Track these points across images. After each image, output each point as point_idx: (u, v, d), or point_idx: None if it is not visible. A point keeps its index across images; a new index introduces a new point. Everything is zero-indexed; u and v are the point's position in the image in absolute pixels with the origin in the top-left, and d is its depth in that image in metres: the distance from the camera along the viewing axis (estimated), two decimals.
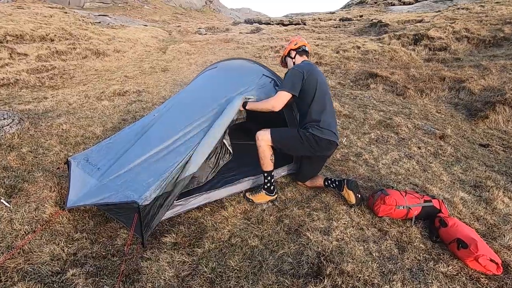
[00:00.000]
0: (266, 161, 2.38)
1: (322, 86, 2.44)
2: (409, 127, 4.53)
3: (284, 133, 2.45)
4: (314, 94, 2.38)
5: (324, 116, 2.37)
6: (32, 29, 11.41)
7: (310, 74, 2.40)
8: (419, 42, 9.59)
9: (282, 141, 2.40)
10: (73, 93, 6.19)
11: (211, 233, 2.06)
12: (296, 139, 2.36)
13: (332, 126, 2.39)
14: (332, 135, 2.35)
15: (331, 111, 2.47)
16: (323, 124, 2.34)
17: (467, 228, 1.95)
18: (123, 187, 1.99)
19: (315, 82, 2.40)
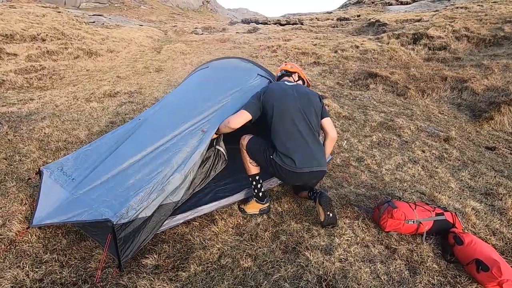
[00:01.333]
0: (246, 165, 2.22)
1: (281, 106, 2.10)
2: (412, 129, 4.33)
3: (257, 147, 2.18)
4: (272, 112, 2.10)
5: (285, 140, 2.03)
6: (23, 29, 11.11)
7: (267, 94, 2.17)
8: (418, 41, 9.41)
9: (253, 154, 2.19)
10: (62, 94, 5.93)
11: (199, 252, 1.83)
12: (263, 158, 2.13)
13: (291, 150, 2.00)
14: (292, 164, 1.97)
15: (296, 132, 2.05)
16: (283, 149, 2.02)
17: (486, 247, 1.74)
18: (97, 203, 1.75)
19: (271, 98, 2.14)
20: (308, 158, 2.01)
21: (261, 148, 2.15)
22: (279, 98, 2.13)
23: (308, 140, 2.05)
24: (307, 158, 2.00)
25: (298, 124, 2.07)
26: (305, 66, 8.70)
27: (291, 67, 2.54)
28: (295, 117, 2.08)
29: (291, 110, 2.09)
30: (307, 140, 2.04)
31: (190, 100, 2.62)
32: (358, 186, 2.72)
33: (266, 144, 2.17)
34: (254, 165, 2.21)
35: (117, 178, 1.93)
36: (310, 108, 2.13)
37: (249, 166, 2.22)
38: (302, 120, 2.08)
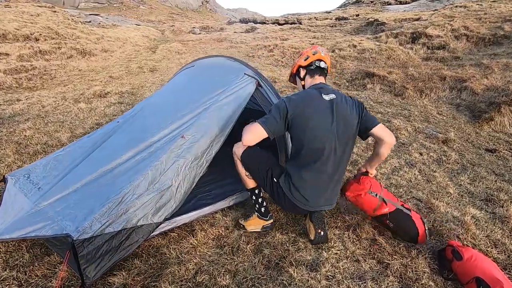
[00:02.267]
0: (243, 178, 1.97)
1: (317, 131, 1.71)
2: (409, 130, 4.17)
3: (256, 161, 1.89)
4: (303, 138, 1.74)
5: (304, 174, 1.73)
6: (16, 28, 10.95)
7: (300, 114, 1.71)
8: (417, 41, 9.26)
9: (249, 168, 1.91)
10: (50, 95, 5.78)
11: (173, 268, 1.67)
12: (263, 176, 1.85)
13: (311, 193, 1.74)
14: (303, 202, 1.74)
15: (324, 172, 1.74)
16: (297, 183, 1.73)
17: (487, 263, 1.58)
18: (61, 215, 1.59)
19: (305, 122, 1.72)
20: (323, 200, 1.81)
21: (262, 165, 1.88)
22: (316, 126, 1.72)
23: (332, 182, 1.79)
24: (322, 200, 1.80)
25: (328, 162, 1.74)
26: None
27: (325, 55, 1.96)
28: (328, 151, 1.73)
29: (326, 143, 1.73)
30: (330, 182, 1.78)
31: (172, 102, 2.47)
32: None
33: (269, 161, 1.89)
34: (251, 177, 1.95)
35: (86, 188, 1.77)
36: (345, 138, 1.77)
37: (245, 179, 1.95)
38: (334, 156, 1.75)
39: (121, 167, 1.88)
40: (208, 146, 2.08)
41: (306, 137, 1.73)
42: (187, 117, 2.18)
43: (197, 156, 2.01)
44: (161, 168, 1.86)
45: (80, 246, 1.46)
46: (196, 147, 2.02)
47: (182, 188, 1.91)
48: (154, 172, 1.83)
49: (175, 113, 2.24)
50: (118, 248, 1.62)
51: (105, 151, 2.06)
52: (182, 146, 2.00)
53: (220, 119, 2.21)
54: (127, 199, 1.66)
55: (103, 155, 2.01)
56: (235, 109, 2.30)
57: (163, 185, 1.82)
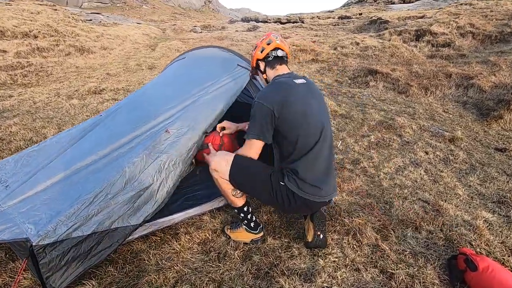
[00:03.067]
0: (229, 198, 1.69)
1: (307, 117, 1.58)
2: (414, 128, 3.97)
3: (250, 171, 1.62)
4: (295, 129, 1.57)
5: (308, 163, 1.56)
6: (15, 25, 10.85)
7: (284, 105, 1.55)
8: (421, 38, 9.03)
9: (243, 182, 1.63)
10: (44, 91, 5.64)
11: (151, 276, 1.49)
12: (265, 186, 1.59)
13: (320, 179, 1.58)
14: (316, 193, 1.56)
15: (323, 155, 1.60)
16: (304, 174, 1.54)
17: (506, 274, 1.39)
18: (24, 217, 1.42)
19: (293, 111, 1.56)
20: (331, 187, 1.64)
21: (260, 172, 1.62)
22: (304, 112, 1.58)
23: (330, 165, 1.65)
24: (330, 187, 1.63)
25: (324, 145, 1.61)
26: (303, 63, 8.35)
27: (282, 43, 1.79)
28: (323, 134, 1.61)
29: (318, 126, 1.60)
30: (329, 166, 1.64)
31: (159, 95, 2.30)
32: (351, 192, 2.37)
33: (268, 170, 1.64)
34: (239, 196, 1.68)
35: (56, 187, 1.60)
36: (327, 116, 1.71)
37: (233, 199, 1.68)
38: (325, 137, 1.63)
39: (97, 164, 1.71)
40: (195, 140, 1.90)
41: (299, 126, 1.56)
42: (174, 110, 2.02)
43: (182, 152, 1.84)
44: (141, 165, 1.68)
45: (41, 253, 1.29)
46: (182, 142, 1.85)
47: (164, 186, 1.73)
48: (133, 169, 1.65)
49: (161, 106, 2.07)
50: (89, 254, 1.44)
51: (82, 147, 1.89)
52: (166, 141, 1.83)
53: (208, 112, 2.04)
54: (99, 199, 1.49)
55: (79, 151, 1.84)
56: (225, 102, 2.13)
57: (142, 183, 1.65)
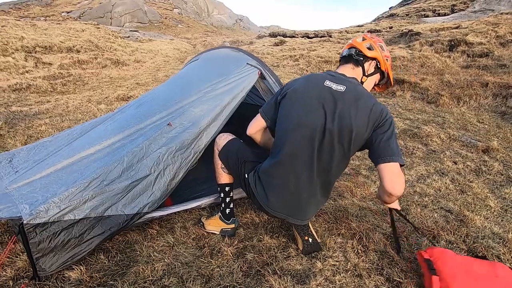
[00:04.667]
0: (218, 171, 1.73)
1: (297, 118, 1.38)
2: (442, 137, 3.68)
3: (234, 155, 1.64)
4: (279, 124, 1.45)
5: (271, 166, 1.42)
6: (61, 41, 11.92)
7: (290, 90, 1.44)
8: (455, 48, 8.56)
9: (227, 161, 1.67)
10: (78, 97, 6.04)
11: (140, 267, 1.45)
12: (237, 172, 1.60)
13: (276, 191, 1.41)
14: (264, 199, 1.43)
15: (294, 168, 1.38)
16: (263, 175, 1.45)
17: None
18: (23, 198, 1.46)
19: (288, 106, 1.43)
20: (286, 207, 1.44)
21: (239, 158, 1.61)
22: (296, 114, 1.38)
23: (303, 190, 1.40)
24: (285, 206, 1.44)
25: (297, 160, 1.37)
26: None
27: (358, 42, 1.50)
28: (301, 147, 1.36)
29: (302, 137, 1.36)
30: (300, 188, 1.39)
31: (167, 93, 2.33)
32: (364, 198, 2.20)
33: (247, 155, 1.61)
34: (226, 172, 1.71)
35: (57, 173, 1.63)
36: (333, 143, 1.33)
37: (220, 172, 1.72)
38: (310, 157, 1.35)
39: (99, 153, 1.73)
40: (197, 136, 1.88)
41: (282, 124, 1.43)
42: (179, 105, 2.02)
43: (182, 146, 1.81)
44: (139, 155, 1.68)
45: (32, 232, 1.30)
46: (183, 136, 1.83)
47: (162, 178, 1.71)
48: (131, 159, 1.65)
49: (167, 102, 2.09)
50: (80, 240, 1.43)
51: (88, 138, 1.94)
52: (168, 134, 1.82)
53: (213, 108, 2.01)
54: (94, 185, 1.49)
55: (85, 142, 1.89)
56: (231, 99, 2.10)
57: (139, 173, 1.64)
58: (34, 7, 43.79)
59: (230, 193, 1.76)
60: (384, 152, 1.26)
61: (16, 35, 11.29)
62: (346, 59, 1.51)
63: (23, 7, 43.45)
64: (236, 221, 1.77)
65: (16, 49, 9.98)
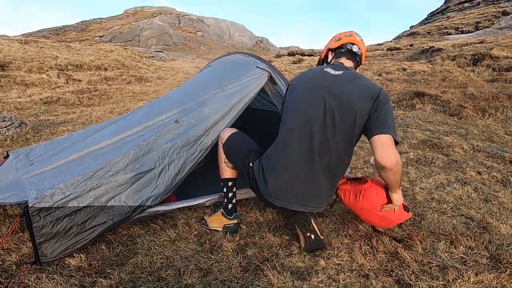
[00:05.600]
0: (220, 164, 1.73)
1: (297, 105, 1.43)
2: (465, 148, 3.48)
3: (238, 146, 1.64)
4: (284, 112, 1.52)
5: (273, 153, 1.43)
6: (91, 60, 12.75)
7: (294, 81, 1.55)
8: (479, 63, 8.27)
9: (231, 154, 1.67)
10: (101, 109, 6.34)
11: (138, 258, 1.43)
12: (241, 164, 1.59)
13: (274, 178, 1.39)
14: (263, 186, 1.41)
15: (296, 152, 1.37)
16: (265, 162, 1.44)
17: None
18: (32, 186, 1.51)
19: (289, 93, 1.53)
20: (286, 190, 1.39)
21: (243, 150, 1.61)
22: (296, 100, 1.45)
23: (301, 171, 1.37)
24: (283, 190, 1.39)
25: (301, 141, 1.37)
26: None
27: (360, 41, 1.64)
28: (300, 132, 1.38)
29: (300, 121, 1.40)
30: (298, 170, 1.37)
31: (178, 95, 2.40)
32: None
33: (251, 145, 1.63)
34: (229, 166, 1.71)
35: (67, 165, 1.69)
36: (334, 125, 1.35)
37: (223, 166, 1.72)
38: (309, 141, 1.36)
39: (108, 147, 1.78)
40: (204, 133, 1.89)
41: (286, 108, 1.48)
42: (188, 104, 2.06)
43: (188, 142, 1.83)
44: (146, 149, 1.71)
45: (36, 215, 1.33)
46: (189, 132, 1.86)
47: (166, 173, 1.72)
48: (137, 152, 1.68)
49: (177, 102, 2.15)
50: (82, 228, 1.45)
51: (101, 134, 2.01)
52: (175, 130, 1.85)
53: (221, 108, 2.04)
54: (99, 175, 1.53)
55: (97, 138, 1.96)
56: (240, 99, 2.12)
57: (144, 166, 1.66)
58: (70, 32, 47.53)
59: (233, 188, 1.75)
60: (379, 125, 1.28)
61: (51, 55, 12.22)
62: (344, 53, 1.63)
63: (61, 32, 47.30)
64: (238, 217, 1.74)
65: (50, 67, 10.76)
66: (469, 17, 26.03)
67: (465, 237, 1.62)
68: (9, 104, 6.30)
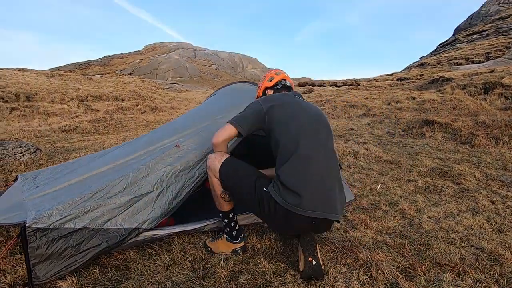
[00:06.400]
0: (218, 199, 1.65)
1: (298, 120, 1.57)
2: (478, 177, 3.36)
3: (239, 173, 1.57)
4: (288, 130, 1.54)
5: (292, 166, 1.44)
6: (110, 91, 13.45)
7: (276, 106, 1.61)
8: (490, 91, 8.21)
9: (230, 183, 1.59)
10: (114, 137, 6.57)
11: (129, 283, 1.41)
12: (249, 191, 1.52)
13: (303, 185, 1.40)
14: (295, 202, 1.37)
15: (315, 162, 1.47)
16: (286, 178, 1.41)
17: None
18: (34, 207, 1.55)
19: (286, 112, 1.59)
20: (322, 199, 1.42)
21: (247, 176, 1.56)
22: (296, 116, 1.58)
23: (326, 178, 1.46)
24: (320, 199, 1.42)
25: (316, 151, 1.50)
26: (353, 118, 8.21)
27: (288, 76, 1.99)
28: (315, 144, 1.51)
29: (312, 135, 1.53)
30: (324, 177, 1.46)
31: (182, 121, 2.48)
32: (381, 231, 2.01)
33: (254, 171, 1.62)
34: (227, 199, 1.64)
35: (70, 187, 1.74)
36: (327, 129, 1.64)
37: (221, 201, 1.64)
38: (320, 143, 1.54)
39: (109, 170, 1.84)
40: (203, 157, 1.93)
41: (288, 126, 1.55)
42: (190, 130, 2.13)
43: (187, 166, 1.87)
44: (145, 172, 1.75)
45: (32, 236, 1.36)
46: (189, 156, 1.90)
47: (164, 196, 1.74)
48: (137, 175, 1.73)
49: (180, 127, 2.22)
50: (76, 249, 1.46)
51: (104, 159, 2.08)
52: (175, 155, 1.90)
53: None
54: (97, 197, 1.56)
55: (101, 162, 2.03)
56: None
57: (142, 189, 1.69)
58: (94, 66, 50.79)
59: (234, 217, 1.73)
60: None
61: (74, 87, 13.00)
62: (281, 88, 1.94)
63: (85, 66, 50.63)
64: (244, 238, 1.74)
65: (72, 98, 11.40)
66: (479, 47, 26.26)
67: (474, 269, 1.52)
68: (30, 132, 6.64)
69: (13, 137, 6.06)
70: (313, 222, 1.41)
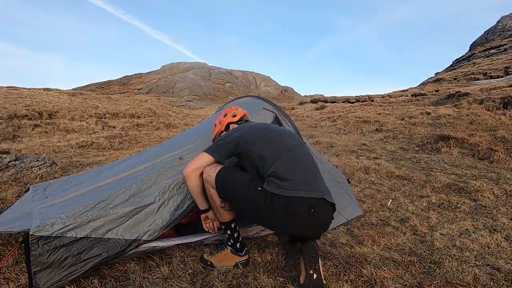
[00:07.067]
0: (218, 210, 1.65)
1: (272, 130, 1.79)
2: (496, 193, 3.20)
3: (235, 179, 1.60)
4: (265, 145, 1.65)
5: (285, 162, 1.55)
6: (126, 109, 13.91)
7: (245, 130, 1.74)
8: (510, 106, 7.94)
9: (226, 191, 1.60)
10: (128, 152, 6.73)
11: None
12: (246, 194, 1.54)
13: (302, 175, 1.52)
14: (298, 187, 1.44)
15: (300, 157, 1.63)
16: (283, 171, 1.51)
17: None
18: (40, 216, 1.59)
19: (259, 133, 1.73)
20: (313, 181, 1.52)
21: (243, 180, 1.58)
22: (267, 132, 1.75)
23: (314, 166, 1.66)
24: (311, 180, 1.53)
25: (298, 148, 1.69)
26: (365, 133, 8.09)
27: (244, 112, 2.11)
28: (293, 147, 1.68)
29: (288, 141, 1.70)
30: (314, 166, 1.65)
31: (189, 135, 2.53)
32: (389, 248, 1.92)
33: (249, 175, 1.64)
34: (227, 209, 1.64)
35: (76, 197, 1.79)
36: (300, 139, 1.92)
37: (221, 211, 1.64)
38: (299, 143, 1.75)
39: (115, 182, 1.88)
40: None
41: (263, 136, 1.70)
42: (195, 143, 2.16)
43: None
44: (148, 184, 1.78)
45: (35, 244, 1.38)
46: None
47: (165, 208, 1.75)
48: (140, 186, 1.75)
49: (186, 140, 2.26)
50: (76, 258, 1.47)
51: (112, 171, 2.13)
52: (178, 167, 1.92)
53: None
54: (100, 207, 1.59)
55: (108, 174, 2.07)
56: None
57: (144, 200, 1.71)
58: (114, 86, 53.02)
59: (236, 227, 1.73)
60: None
61: (93, 105, 13.56)
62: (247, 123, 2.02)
63: (105, 86, 52.94)
64: (248, 251, 1.73)
65: (90, 115, 11.87)
66: (497, 62, 25.68)
67: None
68: (49, 147, 6.92)
69: (33, 152, 6.33)
70: (312, 210, 1.41)
